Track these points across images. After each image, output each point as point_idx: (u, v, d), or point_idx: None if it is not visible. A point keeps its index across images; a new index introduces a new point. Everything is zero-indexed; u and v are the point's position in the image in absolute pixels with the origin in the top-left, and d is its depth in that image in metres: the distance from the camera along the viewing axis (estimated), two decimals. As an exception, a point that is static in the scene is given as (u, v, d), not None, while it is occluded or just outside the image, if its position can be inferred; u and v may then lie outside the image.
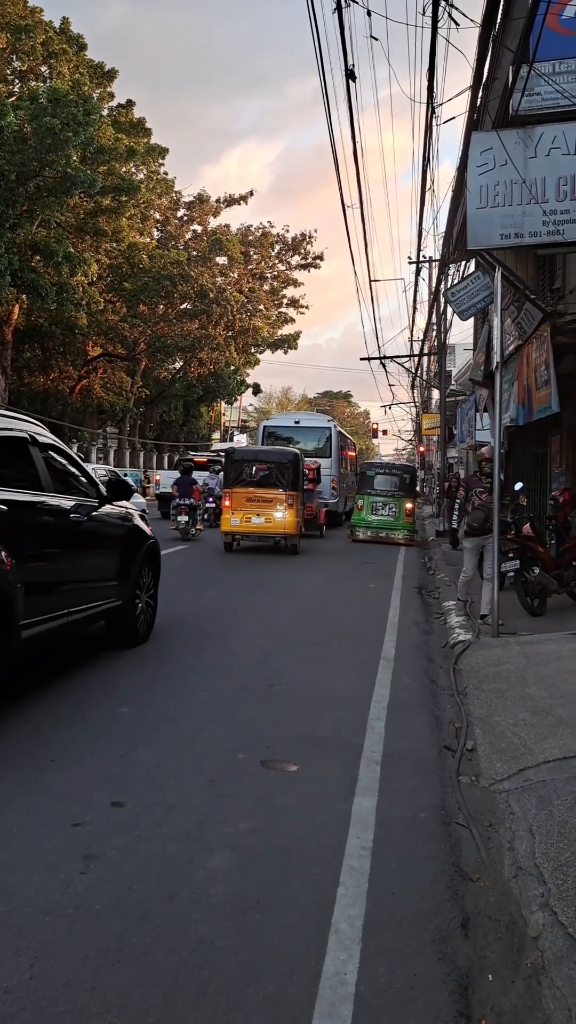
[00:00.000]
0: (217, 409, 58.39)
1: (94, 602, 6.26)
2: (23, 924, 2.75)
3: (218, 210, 44.66)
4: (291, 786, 4.12)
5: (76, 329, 34.52)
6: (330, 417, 28.23)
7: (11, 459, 5.43)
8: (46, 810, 3.68)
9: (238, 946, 2.69)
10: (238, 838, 3.49)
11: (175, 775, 4.18)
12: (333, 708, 5.55)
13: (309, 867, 3.26)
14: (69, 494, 6.08)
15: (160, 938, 2.71)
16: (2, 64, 29.92)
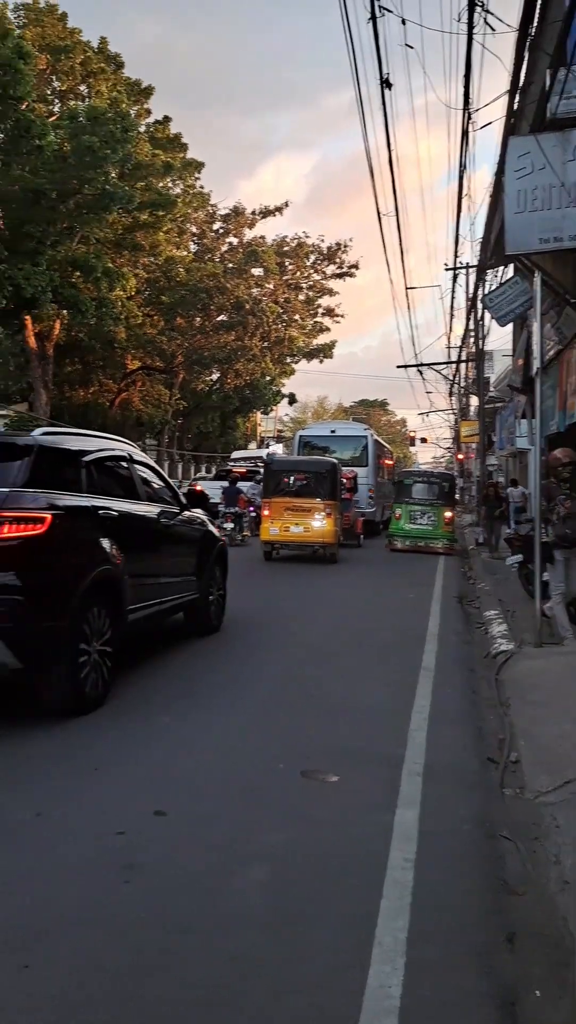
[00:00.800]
0: (253, 420, 58.63)
1: (178, 594, 7.36)
2: (67, 933, 2.76)
3: (254, 222, 44.91)
4: (331, 797, 4.09)
5: (115, 343, 34.92)
6: (367, 425, 28.13)
7: (116, 474, 6.61)
8: (88, 819, 3.70)
9: (279, 957, 2.67)
10: (278, 849, 3.47)
11: (215, 785, 4.18)
12: (373, 718, 5.51)
13: (350, 879, 3.23)
14: (156, 502, 7.16)
15: (200, 949, 2.70)
16: (42, 85, 30.47)
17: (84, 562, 5.47)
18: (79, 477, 5.83)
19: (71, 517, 5.40)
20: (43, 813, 3.74)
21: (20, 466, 5.25)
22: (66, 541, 5.27)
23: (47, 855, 3.33)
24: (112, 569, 5.74)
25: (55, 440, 5.80)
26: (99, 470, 6.16)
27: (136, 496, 6.71)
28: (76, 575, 5.33)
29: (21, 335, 30.64)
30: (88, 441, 6.33)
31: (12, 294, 24.70)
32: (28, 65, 23.19)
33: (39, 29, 30.06)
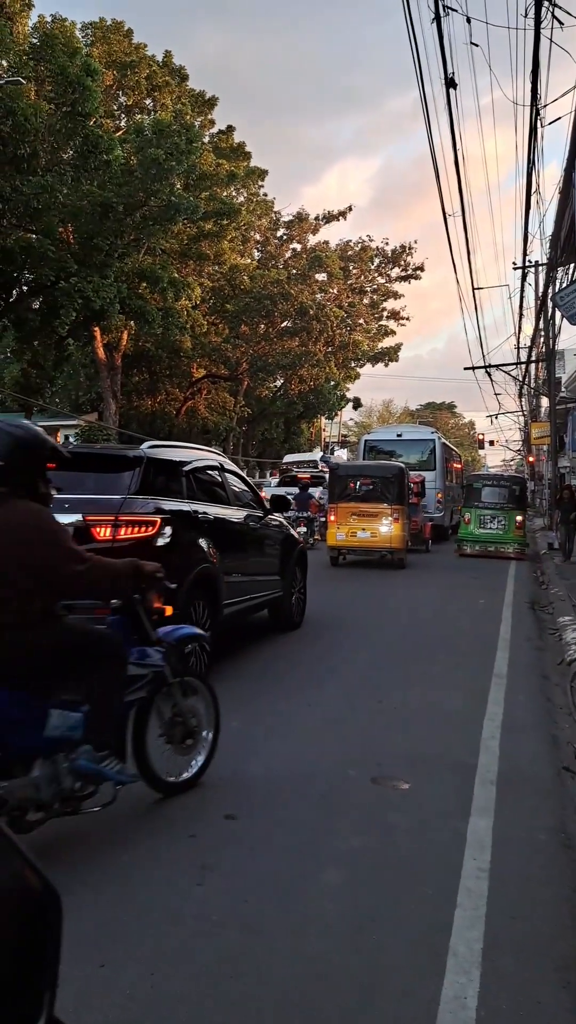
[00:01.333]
0: (317, 425, 58.62)
1: (264, 592, 7.97)
2: (144, 931, 2.81)
3: (317, 227, 45.04)
4: (403, 804, 4.06)
5: (181, 352, 35.40)
6: (434, 429, 27.77)
7: (210, 481, 7.20)
8: (162, 821, 3.76)
9: (353, 964, 2.67)
10: (350, 855, 3.47)
11: (285, 790, 4.19)
12: (444, 725, 5.46)
13: (424, 887, 3.20)
14: (244, 507, 7.72)
15: (275, 952, 2.71)
16: (109, 100, 31.15)
17: (188, 560, 6.07)
18: (181, 485, 6.49)
19: (176, 520, 5.97)
20: (118, 815, 3.80)
21: (132, 476, 5.90)
22: (173, 542, 5.84)
23: (122, 855, 3.40)
24: (210, 567, 6.37)
25: (160, 452, 6.47)
26: (196, 478, 6.84)
27: (227, 501, 7.35)
28: (182, 572, 5.84)
29: (91, 347, 31.36)
30: (186, 452, 7.11)
31: (82, 306, 25.27)
32: (96, 82, 23.74)
33: (106, 46, 30.76)
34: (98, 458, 6.47)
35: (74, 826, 3.66)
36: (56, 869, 3.21)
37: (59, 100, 23.16)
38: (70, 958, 2.56)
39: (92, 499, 5.66)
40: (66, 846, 3.46)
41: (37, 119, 21.60)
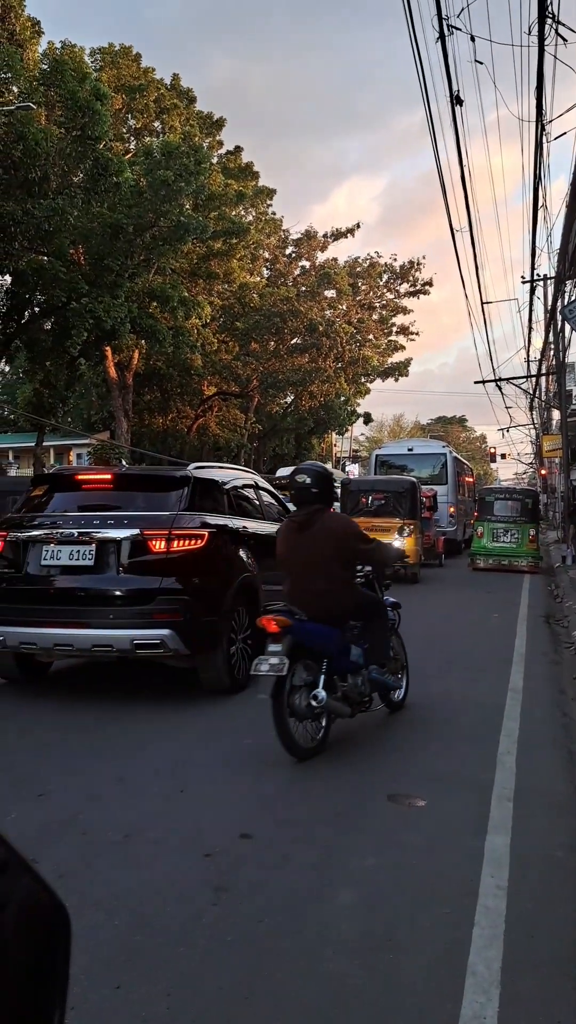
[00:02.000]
0: (328, 440, 58.68)
1: None
2: (159, 953, 2.79)
3: (326, 245, 45.25)
4: (419, 821, 4.03)
5: (192, 370, 35.58)
6: (445, 443, 27.61)
7: (247, 498, 7.84)
8: (176, 840, 3.74)
9: (370, 984, 2.64)
10: (366, 873, 3.44)
11: (300, 808, 4.17)
12: (460, 742, 5.42)
13: (441, 905, 3.17)
14: (277, 521, 8.06)
15: (291, 973, 2.69)
16: (118, 124, 31.52)
17: (231, 570, 6.67)
18: (222, 502, 7.10)
19: (221, 534, 6.58)
20: (132, 834, 3.80)
21: (182, 494, 6.48)
22: (219, 552, 6.48)
23: (137, 875, 3.38)
24: (251, 576, 6.93)
25: (203, 473, 7.12)
26: (235, 495, 7.47)
27: (261, 516, 7.95)
28: (227, 580, 6.55)
29: (102, 366, 31.57)
30: (226, 472, 7.80)
31: (93, 326, 25.47)
32: (105, 106, 24.04)
33: (115, 71, 31.18)
34: (149, 479, 7.16)
35: (84, 848, 3.66)
36: (69, 890, 3.20)
37: (69, 124, 23.45)
38: (84, 980, 2.57)
39: (147, 515, 6.24)
40: (77, 869, 3.45)
41: (48, 143, 21.87)
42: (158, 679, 7.15)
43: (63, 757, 4.99)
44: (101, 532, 6.11)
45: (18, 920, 0.80)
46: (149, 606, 5.98)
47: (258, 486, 8.28)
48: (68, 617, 6.06)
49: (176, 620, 5.94)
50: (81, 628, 6.00)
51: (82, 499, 6.69)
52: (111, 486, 6.80)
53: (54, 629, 6.04)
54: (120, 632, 5.94)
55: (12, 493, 12.83)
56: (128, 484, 6.85)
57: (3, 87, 21.83)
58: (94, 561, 6.08)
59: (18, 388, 38.07)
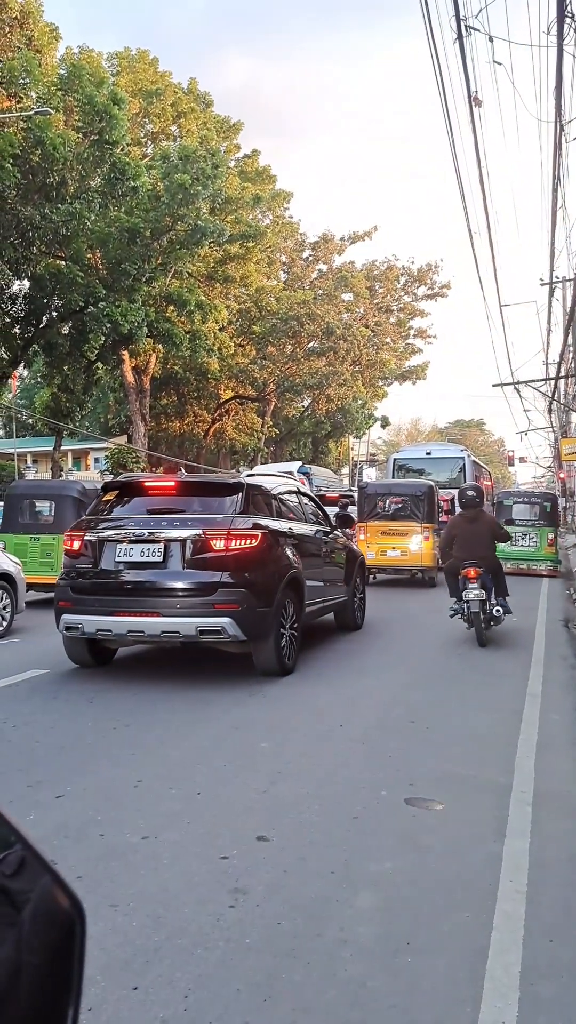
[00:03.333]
0: (345, 444, 58.66)
1: (333, 596, 9.22)
2: (177, 955, 2.79)
3: (343, 248, 45.27)
4: (437, 825, 4.01)
5: (208, 374, 35.70)
6: (463, 446, 27.45)
7: (290, 503, 8.54)
8: (193, 843, 3.73)
9: (389, 988, 2.62)
10: (384, 877, 3.42)
11: (317, 811, 4.15)
12: (477, 746, 5.38)
13: (460, 910, 3.15)
14: (315, 524, 9.02)
15: (310, 976, 2.68)
16: (136, 128, 31.71)
17: (280, 566, 7.32)
18: (271, 505, 7.80)
19: (271, 534, 7.26)
20: (149, 836, 3.80)
21: (236, 499, 7.22)
22: (270, 551, 7.15)
23: (154, 877, 3.38)
24: (297, 572, 7.60)
25: (255, 480, 8.02)
26: (281, 500, 8.20)
27: (304, 519, 8.71)
28: (277, 575, 7.22)
29: (119, 370, 31.72)
30: (272, 479, 8.70)
31: (110, 330, 25.60)
32: (122, 110, 24.18)
33: (131, 75, 31.36)
34: (208, 485, 8.08)
35: (102, 850, 3.66)
36: (87, 891, 3.20)
37: (87, 129, 23.61)
38: (102, 981, 2.57)
39: (207, 517, 6.99)
40: (97, 869, 3.46)
41: (65, 148, 22.02)
42: (174, 683, 7.16)
43: (81, 759, 5.00)
44: (167, 532, 6.89)
45: (35, 918, 0.80)
46: (211, 597, 6.73)
47: (299, 492, 9.18)
48: (140, 607, 6.86)
49: (235, 610, 6.69)
50: (151, 616, 6.80)
51: (149, 503, 7.51)
52: (174, 492, 7.63)
53: (128, 617, 6.86)
54: (186, 620, 6.73)
55: (28, 496, 12.94)
56: (189, 490, 7.69)
57: (21, 92, 22.00)
58: (162, 558, 6.85)
59: (36, 392, 38.32)
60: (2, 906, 0.82)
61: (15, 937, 0.79)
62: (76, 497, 11.95)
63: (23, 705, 6.39)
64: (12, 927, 0.80)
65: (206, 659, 8.05)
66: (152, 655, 8.46)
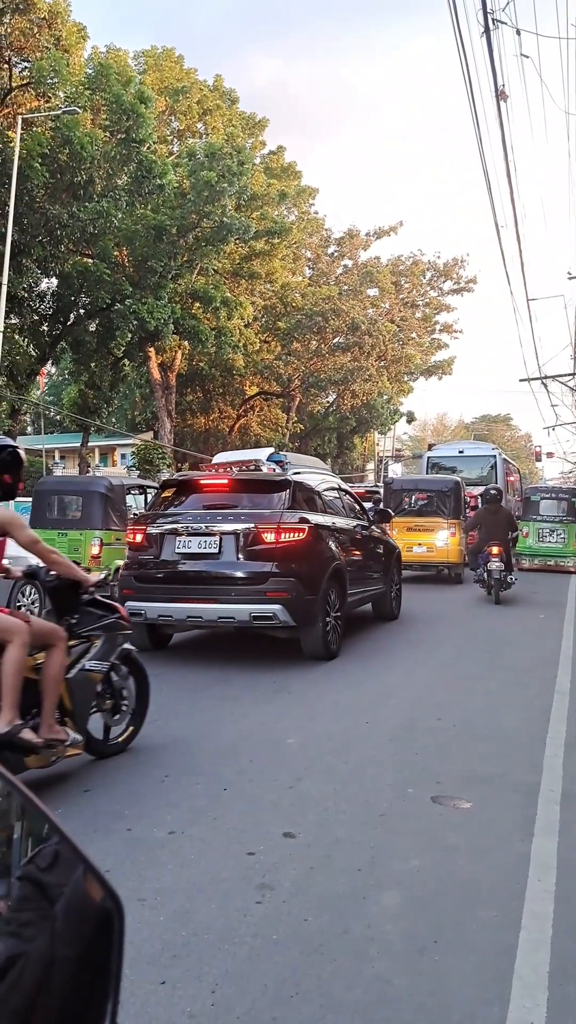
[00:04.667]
0: (370, 440, 58.47)
1: (371, 587, 9.66)
2: (204, 951, 2.80)
3: (368, 243, 45.06)
4: (464, 824, 3.99)
5: (234, 370, 35.76)
6: (494, 445, 27.40)
7: (332, 498, 9.02)
8: (220, 838, 3.75)
9: (416, 986, 2.62)
10: (410, 875, 3.42)
11: (344, 808, 4.15)
12: (505, 744, 5.36)
13: (487, 909, 3.14)
14: (355, 518, 9.46)
15: (336, 973, 2.68)
16: (162, 126, 31.80)
17: (325, 558, 7.78)
18: (315, 501, 8.31)
19: (317, 527, 7.70)
20: (176, 831, 3.82)
21: (284, 495, 7.74)
22: (316, 543, 7.58)
23: (181, 873, 3.40)
24: (340, 563, 8.07)
25: (301, 477, 8.51)
26: (324, 495, 8.71)
27: (344, 514, 9.19)
28: (322, 566, 7.66)
29: (145, 367, 31.86)
30: (317, 476, 9.25)
31: (137, 328, 25.72)
32: (149, 109, 24.26)
33: (158, 73, 31.43)
34: (258, 482, 8.34)
35: (129, 845, 3.69)
36: (114, 886, 3.22)
37: (114, 128, 23.72)
38: (130, 975, 2.58)
39: (258, 512, 7.46)
40: (124, 863, 3.48)
41: (93, 147, 22.13)
42: (201, 679, 7.19)
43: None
44: (222, 526, 7.37)
45: (68, 912, 0.80)
46: (263, 586, 7.21)
47: (340, 488, 9.77)
48: (197, 595, 7.36)
49: (285, 598, 7.15)
50: (209, 603, 7.30)
51: (203, 499, 7.96)
52: (227, 489, 8.11)
53: (186, 604, 7.37)
54: (240, 607, 7.22)
55: (56, 493, 13.04)
56: (241, 487, 8.11)
57: (50, 92, 22.14)
58: (217, 549, 7.34)
59: (64, 389, 38.61)
60: (36, 900, 0.83)
61: (49, 930, 0.80)
62: (103, 493, 12.01)
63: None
64: (46, 920, 0.81)
65: (233, 656, 8.07)
66: (179, 652, 8.51)
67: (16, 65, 22.24)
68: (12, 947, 0.80)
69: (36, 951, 0.79)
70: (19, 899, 0.85)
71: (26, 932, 0.81)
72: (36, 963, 0.78)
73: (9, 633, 4.00)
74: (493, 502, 12.90)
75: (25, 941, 0.80)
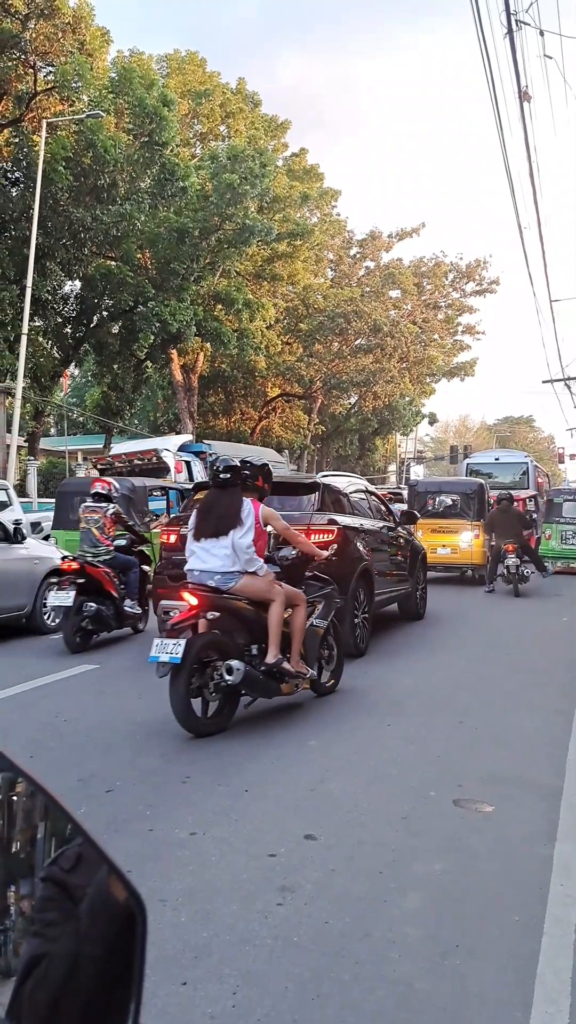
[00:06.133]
0: (392, 441, 58.27)
1: (397, 587, 9.81)
2: (225, 952, 2.81)
3: (390, 245, 44.90)
4: (486, 827, 3.97)
5: (256, 372, 35.81)
6: (526, 453, 30.26)
7: (360, 500, 9.18)
8: (241, 839, 3.75)
9: (438, 989, 2.61)
10: (432, 878, 3.40)
11: (365, 810, 4.15)
12: (528, 747, 5.32)
13: (509, 913, 3.12)
14: (382, 520, 9.62)
15: (358, 976, 2.68)
16: (184, 129, 31.92)
17: (354, 559, 7.93)
18: (344, 503, 8.49)
19: (345, 529, 7.87)
20: (197, 832, 3.83)
21: (315, 498, 8.00)
22: (344, 545, 7.69)
23: (203, 874, 3.41)
24: (368, 564, 8.26)
25: (329, 480, 8.68)
26: (352, 498, 8.88)
27: (371, 515, 9.33)
28: (351, 567, 7.82)
29: (168, 369, 31.99)
30: (344, 480, 9.43)
31: (159, 329, 25.84)
32: (172, 112, 24.37)
33: (181, 77, 31.55)
34: (288, 485, 8.50)
35: (151, 846, 3.70)
36: (136, 885, 3.24)
37: (137, 131, 23.85)
38: (151, 975, 2.59)
39: (289, 515, 7.25)
40: (145, 864, 3.50)
41: (116, 150, 22.27)
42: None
43: (130, 754, 5.06)
44: None
45: (93, 912, 0.81)
46: None
47: (367, 490, 9.87)
48: None
49: None
50: None
51: None
52: None
53: None
54: None
55: (79, 494, 13.12)
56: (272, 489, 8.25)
57: (74, 96, 22.31)
58: None
59: (87, 391, 38.86)
60: (61, 900, 0.83)
61: (74, 929, 0.80)
62: (125, 495, 12.07)
63: (74, 700, 6.49)
64: (70, 920, 0.81)
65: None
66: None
67: (41, 70, 22.41)
68: (36, 947, 0.81)
69: (60, 951, 0.79)
70: (43, 899, 0.86)
71: (50, 932, 0.81)
72: (60, 963, 0.78)
73: (273, 593, 5.55)
74: (504, 503, 14.15)
75: (49, 941, 0.80)
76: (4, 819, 0.95)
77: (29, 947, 0.81)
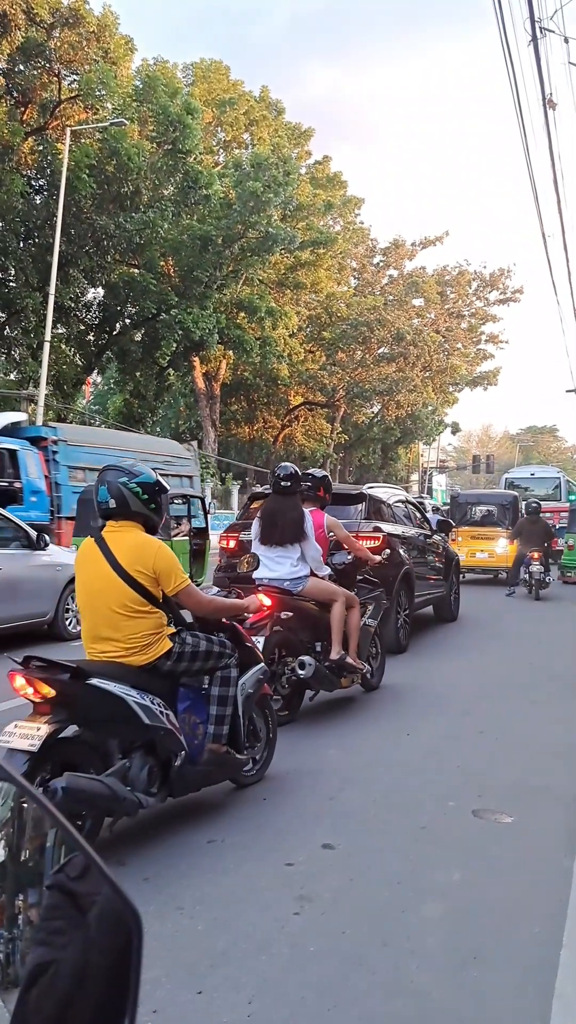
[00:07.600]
0: (415, 450, 58.08)
1: (433, 591, 10.42)
2: (241, 960, 2.79)
3: (414, 253, 44.85)
4: (506, 838, 3.93)
5: (278, 380, 35.85)
6: (559, 468, 32.72)
7: (400, 509, 9.81)
8: (259, 848, 3.74)
9: (456, 1000, 2.58)
10: (451, 888, 3.37)
11: (384, 820, 4.12)
12: (549, 757, 5.26)
13: (528, 924, 3.08)
14: (419, 527, 10.32)
15: (376, 985, 2.65)
16: (208, 137, 32.12)
17: (396, 563, 8.40)
18: (387, 512, 9.12)
19: (389, 536, 8.45)
20: (216, 840, 3.82)
21: (361, 507, 8.68)
22: (388, 551, 7.88)
23: (220, 881, 3.40)
24: (409, 568, 8.95)
25: (374, 491, 9.35)
26: (394, 507, 9.52)
27: (410, 523, 9.99)
28: (394, 571, 8.34)
29: (190, 376, 32.13)
30: (386, 490, 10.21)
31: (182, 337, 25.97)
32: (196, 120, 24.52)
33: (205, 85, 31.78)
34: (336, 495, 8.51)
35: (169, 853, 3.70)
36: (153, 893, 3.24)
37: (161, 139, 24.02)
38: (167, 983, 2.59)
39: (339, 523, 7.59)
40: (162, 872, 3.49)
41: (140, 158, 22.43)
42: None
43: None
44: None
45: (101, 921, 0.80)
46: None
47: (407, 500, 10.65)
48: None
49: None
50: None
51: None
52: None
53: None
54: None
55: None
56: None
57: (98, 104, 22.52)
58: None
59: (109, 398, 39.09)
60: (68, 908, 0.83)
61: (82, 938, 0.80)
62: None
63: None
64: (78, 929, 0.81)
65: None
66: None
67: (65, 78, 22.67)
68: (42, 955, 0.80)
69: (66, 960, 0.79)
70: (49, 907, 0.85)
71: (56, 940, 0.81)
72: (66, 971, 0.78)
73: (336, 595, 5.99)
74: (533, 513, 14.99)
75: (55, 949, 0.80)
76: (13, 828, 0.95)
77: (34, 955, 0.81)
